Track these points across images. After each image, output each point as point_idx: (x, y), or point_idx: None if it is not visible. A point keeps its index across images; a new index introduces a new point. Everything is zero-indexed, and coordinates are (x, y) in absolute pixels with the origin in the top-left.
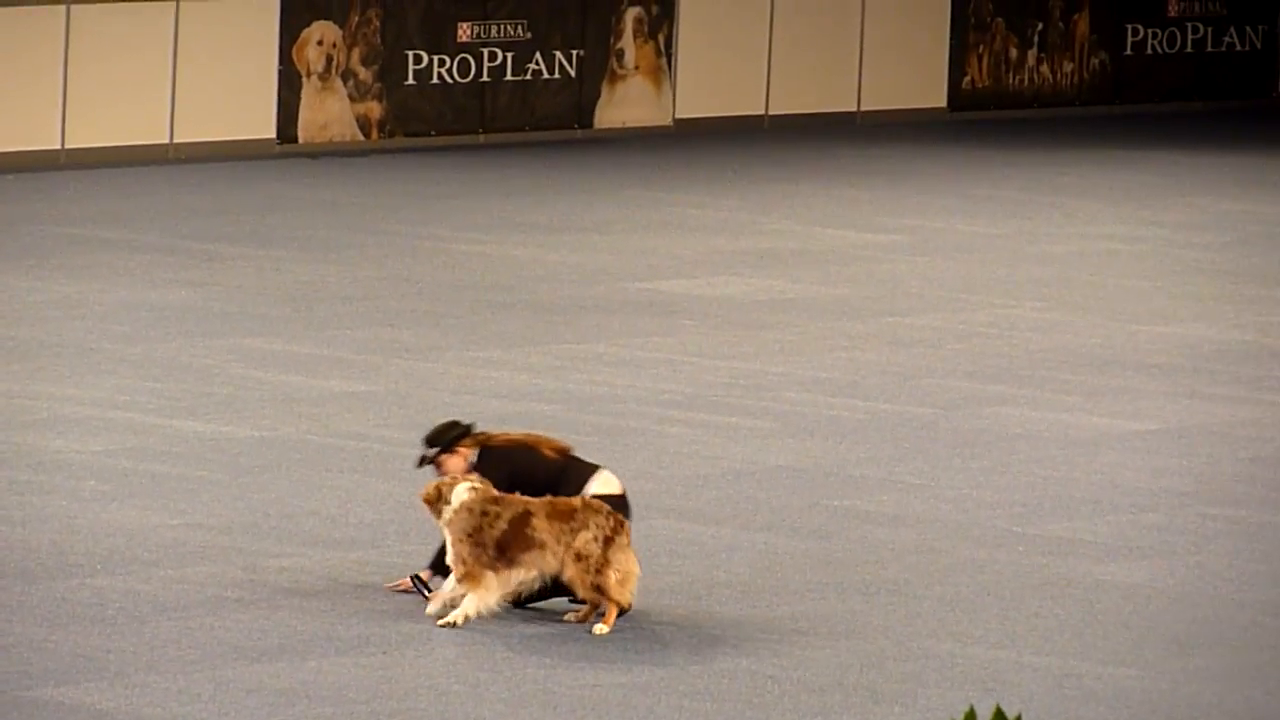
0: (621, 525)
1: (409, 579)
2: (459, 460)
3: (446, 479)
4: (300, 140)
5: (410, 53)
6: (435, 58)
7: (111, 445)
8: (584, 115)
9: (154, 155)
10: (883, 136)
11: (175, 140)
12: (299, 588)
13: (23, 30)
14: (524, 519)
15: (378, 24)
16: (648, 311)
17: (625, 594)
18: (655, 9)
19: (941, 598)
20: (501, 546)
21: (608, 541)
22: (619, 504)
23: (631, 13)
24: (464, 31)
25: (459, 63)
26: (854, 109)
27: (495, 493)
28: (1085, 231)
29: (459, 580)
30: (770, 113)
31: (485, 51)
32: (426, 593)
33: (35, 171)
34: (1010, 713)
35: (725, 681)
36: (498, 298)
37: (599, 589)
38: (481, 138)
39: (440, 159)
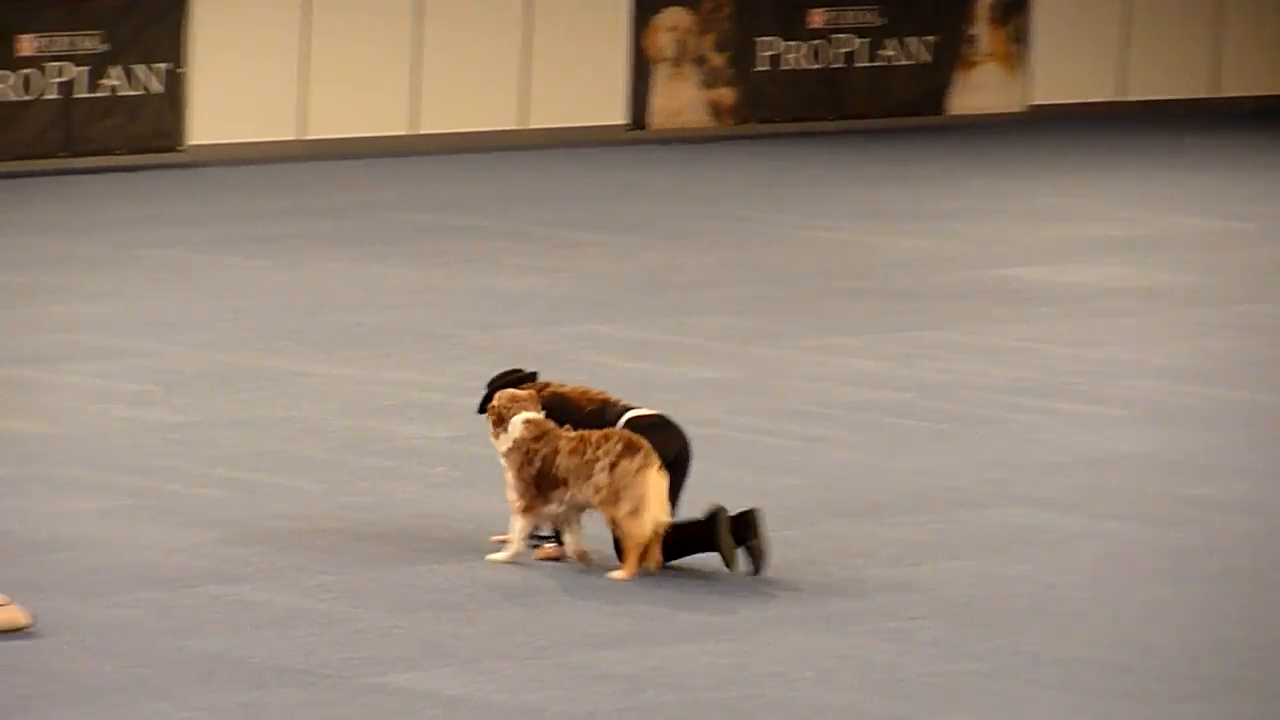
0: (633, 447)
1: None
2: None
3: (510, 403)
4: (652, 126)
5: (762, 39)
6: (788, 44)
7: (461, 431)
8: (937, 102)
9: (505, 141)
10: (1238, 122)
11: (527, 126)
12: (651, 574)
13: (374, 15)
14: (553, 455)
15: (730, 10)
16: (999, 299)
17: (640, 526)
18: None
19: None
20: (538, 484)
21: (612, 467)
22: (652, 425)
23: None
24: (816, 17)
25: (812, 49)
26: (1210, 94)
27: (545, 428)
28: None
29: (518, 513)
30: (1125, 99)
31: (838, 37)
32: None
33: (387, 157)
34: None
35: (1077, 670)
36: (849, 285)
37: (614, 523)
38: (833, 124)
39: (792, 145)
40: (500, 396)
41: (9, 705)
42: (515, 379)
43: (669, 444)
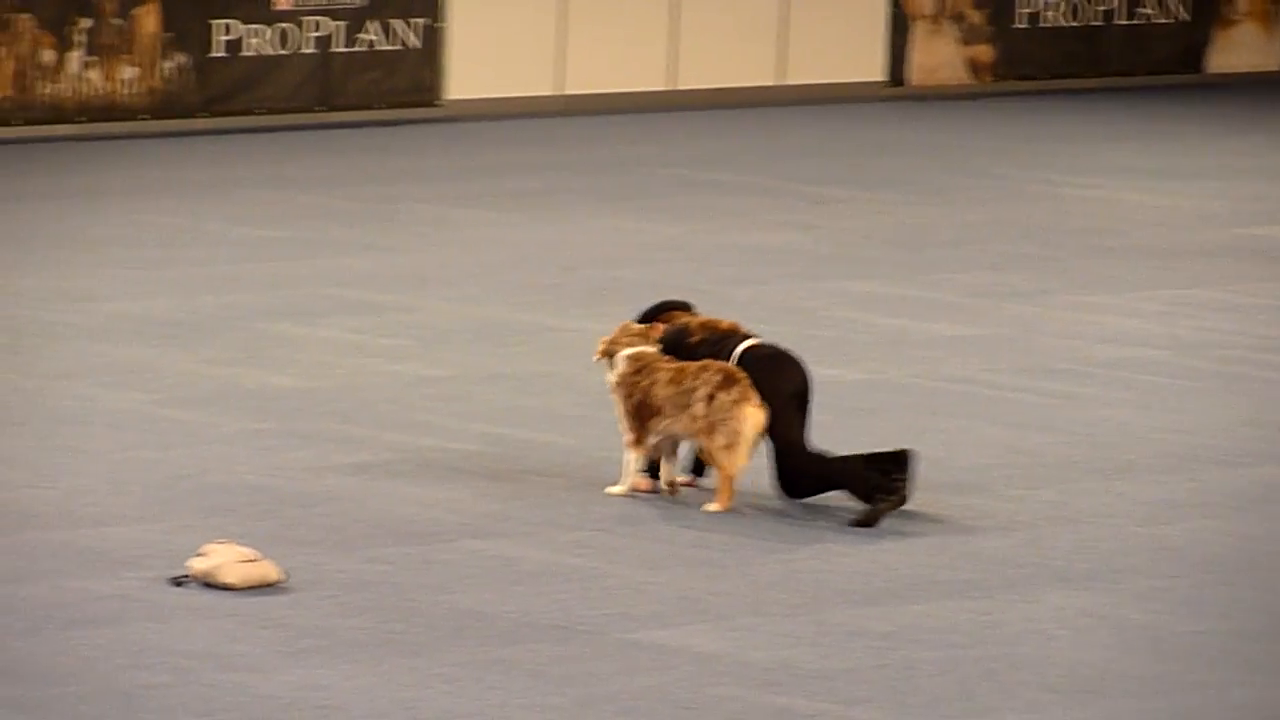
0: (731, 379)
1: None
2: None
3: (620, 335)
4: (910, 83)
5: None
6: (1046, 0)
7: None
8: (1195, 60)
9: (763, 97)
10: None
11: (785, 82)
12: (906, 531)
13: None
14: (650, 386)
15: None
16: (1257, 257)
17: (733, 460)
18: None
19: None
20: (638, 415)
21: (710, 398)
22: (771, 357)
23: None
24: None
25: (1070, 6)
26: None
27: (645, 361)
28: None
29: (629, 447)
30: None
31: None
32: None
33: (645, 113)
34: None
35: None
36: (1107, 242)
37: (709, 455)
38: (1091, 81)
39: (1050, 102)
40: (617, 330)
41: (267, 659)
42: (667, 307)
43: (787, 377)
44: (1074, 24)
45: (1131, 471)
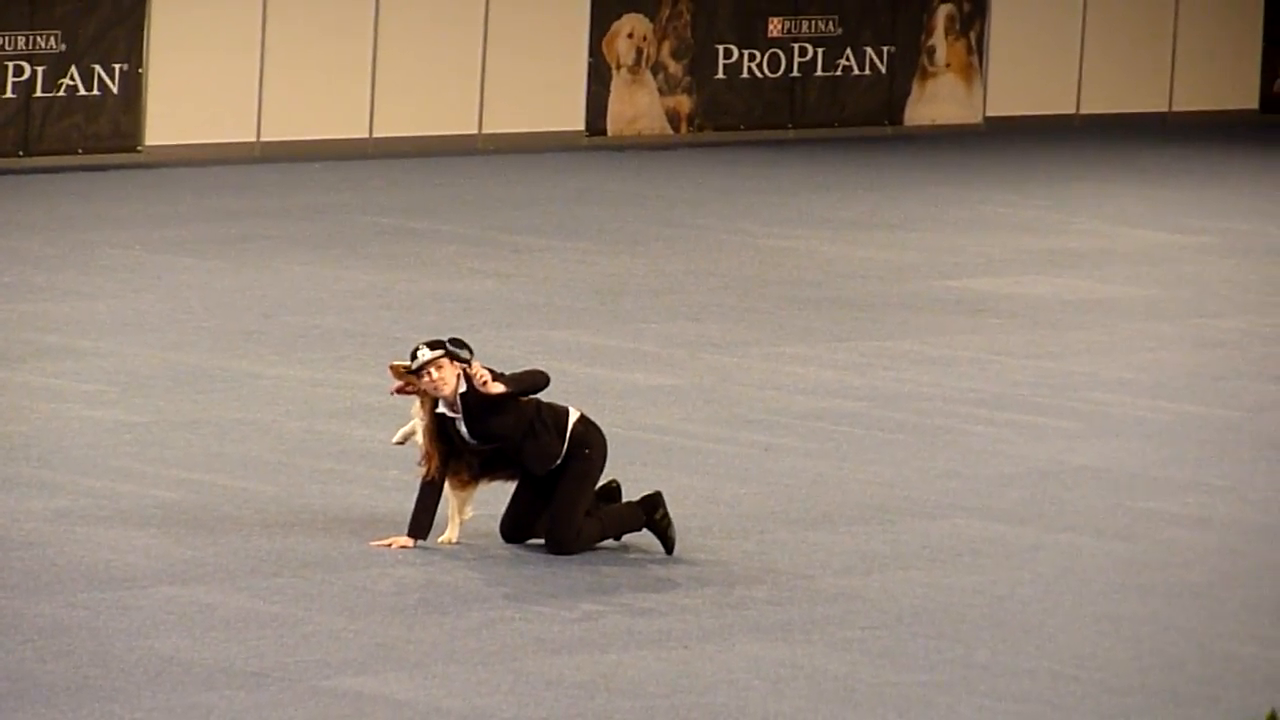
0: None
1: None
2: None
3: None
4: (609, 133)
5: (721, 47)
6: (746, 52)
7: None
8: (894, 112)
9: (462, 146)
10: (1193, 137)
11: (483, 131)
12: (600, 582)
13: (332, 18)
14: None
15: (688, 17)
16: (955, 309)
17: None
18: (967, 6)
19: (1245, 601)
20: None
21: None
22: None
23: (943, 9)
24: (775, 26)
25: (769, 57)
26: (1165, 109)
27: None
28: None
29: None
30: (1081, 112)
31: (796, 46)
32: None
33: (343, 160)
34: None
35: (1026, 682)
36: (805, 293)
37: None
38: (791, 133)
39: (749, 154)
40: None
41: None
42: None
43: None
44: (773, 75)
45: (828, 522)
